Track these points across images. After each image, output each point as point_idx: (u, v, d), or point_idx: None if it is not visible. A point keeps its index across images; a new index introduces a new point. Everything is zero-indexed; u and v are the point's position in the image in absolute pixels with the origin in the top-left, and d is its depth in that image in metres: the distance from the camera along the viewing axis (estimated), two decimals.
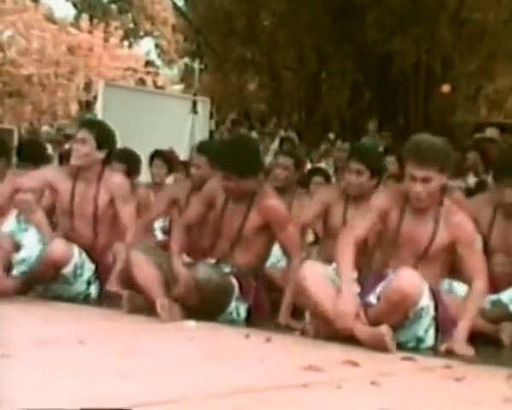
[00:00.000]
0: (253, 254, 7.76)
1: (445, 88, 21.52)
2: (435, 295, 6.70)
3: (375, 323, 6.42)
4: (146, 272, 7.59)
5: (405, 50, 19.38)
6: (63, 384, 4.64)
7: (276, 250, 8.73)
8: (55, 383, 4.66)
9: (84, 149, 8.62)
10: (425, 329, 6.61)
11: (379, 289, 6.61)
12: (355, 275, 6.71)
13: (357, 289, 6.62)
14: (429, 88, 20.68)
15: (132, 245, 8.15)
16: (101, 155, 8.75)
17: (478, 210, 7.94)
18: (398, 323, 6.47)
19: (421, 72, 20.21)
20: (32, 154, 11.32)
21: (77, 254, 8.54)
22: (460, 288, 7.23)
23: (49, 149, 18.43)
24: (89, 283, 8.74)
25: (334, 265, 7.03)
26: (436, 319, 6.68)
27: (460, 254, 6.70)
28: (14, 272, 8.61)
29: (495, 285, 7.42)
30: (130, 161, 11.71)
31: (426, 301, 6.50)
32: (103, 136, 9.08)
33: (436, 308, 6.68)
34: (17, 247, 8.63)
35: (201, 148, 9.74)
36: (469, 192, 10.19)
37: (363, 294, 6.73)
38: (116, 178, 8.72)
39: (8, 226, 9.27)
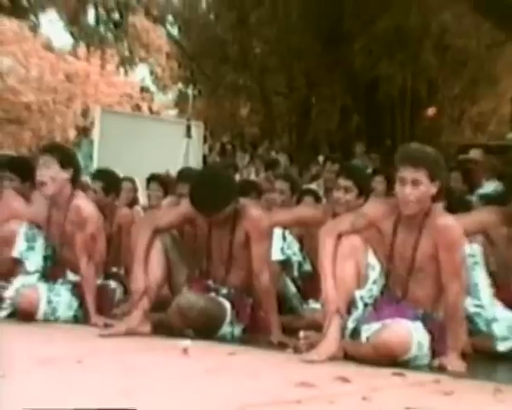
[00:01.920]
0: (246, 271, 7.67)
1: (431, 111, 21.58)
2: (427, 322, 6.63)
3: (361, 359, 6.40)
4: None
5: (392, 75, 19.45)
6: (61, 403, 4.62)
7: None
8: (53, 402, 4.63)
9: (50, 172, 8.35)
10: (419, 348, 6.55)
11: (374, 326, 6.46)
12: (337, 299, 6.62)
13: (340, 325, 6.57)
14: (415, 111, 20.76)
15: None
16: (65, 175, 8.43)
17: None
18: None
19: (408, 95, 20.27)
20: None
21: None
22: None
23: None
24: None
25: None
26: (431, 339, 6.63)
27: (440, 259, 6.58)
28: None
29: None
30: (108, 180, 11.63)
31: (417, 348, 6.41)
32: (65, 156, 8.73)
33: (430, 331, 6.62)
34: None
35: (182, 176, 9.69)
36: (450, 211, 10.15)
37: (362, 319, 6.68)
38: (78, 201, 8.37)
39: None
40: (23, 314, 8.05)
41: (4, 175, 9.68)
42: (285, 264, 8.91)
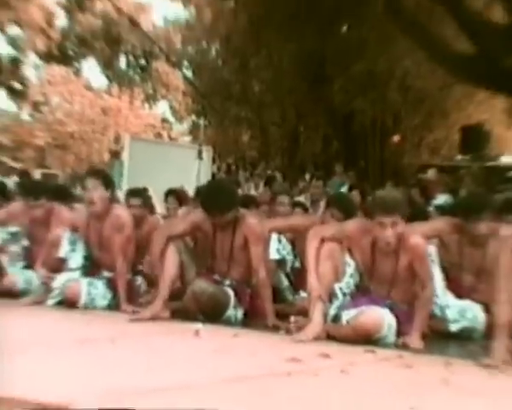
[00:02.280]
0: (245, 268, 7.71)
1: (396, 138, 21.61)
2: (395, 311, 6.70)
3: (342, 339, 6.44)
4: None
5: (364, 110, 19.41)
6: (97, 376, 4.63)
7: None
8: (91, 375, 4.65)
9: (97, 193, 8.36)
10: (389, 329, 6.58)
11: (352, 312, 6.57)
12: (320, 289, 6.72)
13: (323, 311, 6.64)
14: (383, 138, 20.77)
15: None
16: (107, 194, 8.50)
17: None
18: None
19: (377, 126, 20.25)
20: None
21: None
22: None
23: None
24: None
25: None
26: (396, 322, 6.67)
27: (415, 268, 6.68)
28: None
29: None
30: (144, 196, 11.72)
31: (386, 329, 6.50)
32: (107, 179, 8.83)
33: (396, 316, 6.67)
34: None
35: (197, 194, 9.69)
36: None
37: (344, 304, 6.81)
38: (117, 211, 8.50)
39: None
40: (68, 303, 8.07)
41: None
42: (280, 262, 8.94)
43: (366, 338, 6.36)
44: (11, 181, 16.85)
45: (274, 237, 9.04)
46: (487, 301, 6.87)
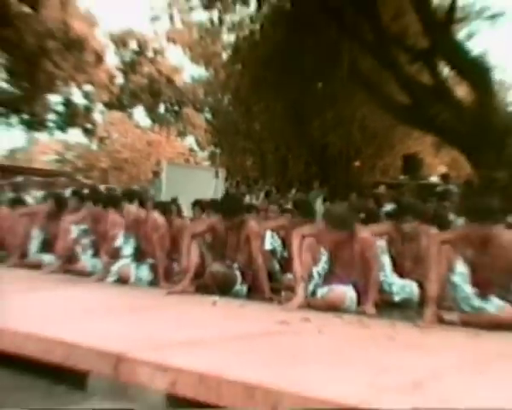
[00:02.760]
0: (247, 256, 7.69)
1: (357, 163, 21.59)
2: (356, 287, 6.76)
3: (318, 308, 6.42)
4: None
5: (334, 143, 19.42)
6: (142, 332, 4.62)
7: None
8: (138, 333, 4.64)
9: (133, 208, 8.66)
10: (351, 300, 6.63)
11: (325, 289, 6.68)
12: (302, 271, 6.77)
13: (304, 288, 6.67)
14: (348, 163, 20.75)
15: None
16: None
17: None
18: None
19: (343, 155, 20.22)
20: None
21: None
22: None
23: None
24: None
25: None
26: (357, 295, 6.69)
27: (366, 257, 6.71)
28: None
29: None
30: (178, 206, 11.80)
31: (349, 300, 6.62)
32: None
33: (356, 291, 6.73)
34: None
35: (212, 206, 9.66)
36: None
37: (319, 283, 6.82)
38: (154, 216, 8.55)
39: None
40: (122, 280, 8.19)
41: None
42: (272, 251, 8.93)
43: (334, 308, 6.40)
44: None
45: (268, 233, 9.04)
46: (421, 280, 6.88)
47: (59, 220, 9.93)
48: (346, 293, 6.64)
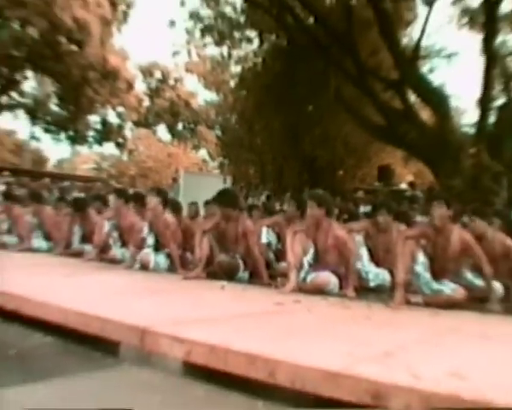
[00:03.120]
0: (245, 248, 7.67)
1: (340, 172, 21.58)
2: (338, 273, 6.78)
3: (307, 291, 6.41)
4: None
5: (322, 156, 19.34)
6: (162, 311, 4.62)
7: None
8: (158, 311, 4.64)
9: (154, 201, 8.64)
10: (334, 285, 6.64)
11: (313, 275, 6.71)
12: (294, 260, 6.77)
13: (296, 274, 6.69)
14: (333, 173, 20.65)
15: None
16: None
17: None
18: None
19: (329, 165, 20.12)
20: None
21: None
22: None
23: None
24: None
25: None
26: (339, 280, 6.71)
27: (342, 250, 6.76)
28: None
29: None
30: (196, 207, 11.83)
31: (332, 284, 6.67)
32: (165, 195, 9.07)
33: (338, 277, 6.74)
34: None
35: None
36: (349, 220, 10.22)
37: (307, 271, 6.81)
38: (166, 215, 8.46)
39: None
40: (143, 267, 8.13)
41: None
42: (268, 244, 8.96)
43: (320, 291, 6.42)
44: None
45: (264, 229, 9.09)
46: (391, 268, 6.90)
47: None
48: (330, 278, 6.68)
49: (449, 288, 6.02)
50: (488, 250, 6.37)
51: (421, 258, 6.17)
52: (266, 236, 9.08)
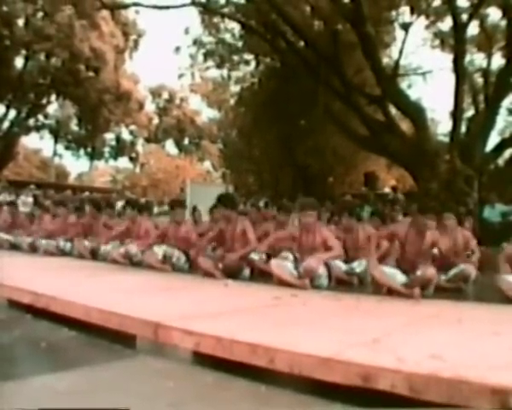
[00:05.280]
0: (244, 244, 7.47)
1: (330, 179, 21.52)
2: (327, 264, 6.69)
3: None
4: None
5: (314, 165, 19.28)
6: (173, 307, 4.61)
7: None
8: (170, 307, 4.63)
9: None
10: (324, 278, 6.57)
11: (305, 263, 6.50)
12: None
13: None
14: (323, 179, 20.56)
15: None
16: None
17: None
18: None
19: (321, 173, 20.04)
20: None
21: None
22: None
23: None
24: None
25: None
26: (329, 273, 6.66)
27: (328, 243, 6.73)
28: None
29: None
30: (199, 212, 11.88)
31: (321, 271, 6.54)
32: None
33: (328, 268, 6.68)
34: None
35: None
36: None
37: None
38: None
39: None
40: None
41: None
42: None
43: (310, 276, 6.41)
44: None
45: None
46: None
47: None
48: (319, 264, 6.52)
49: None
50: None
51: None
52: None
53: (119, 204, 16.77)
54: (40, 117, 34.33)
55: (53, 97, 32.68)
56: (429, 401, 2.62)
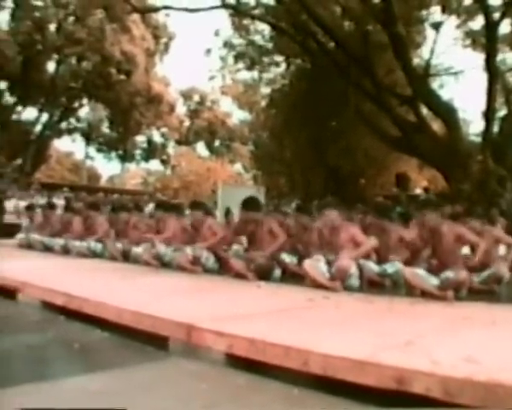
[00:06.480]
0: (269, 243, 7.44)
1: (362, 181, 21.32)
2: (359, 265, 6.63)
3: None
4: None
5: (345, 166, 19.19)
6: (206, 308, 4.62)
7: None
8: (203, 308, 4.64)
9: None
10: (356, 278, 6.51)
11: (337, 263, 6.37)
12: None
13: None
14: (355, 181, 20.50)
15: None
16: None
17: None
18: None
19: (353, 175, 19.94)
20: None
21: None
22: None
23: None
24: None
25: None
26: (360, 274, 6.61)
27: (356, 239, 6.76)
28: None
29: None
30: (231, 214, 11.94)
31: (352, 271, 6.42)
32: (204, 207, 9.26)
33: (360, 269, 6.63)
34: None
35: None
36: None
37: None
38: (209, 221, 8.68)
39: None
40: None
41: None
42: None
43: (343, 276, 6.34)
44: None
45: None
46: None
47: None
48: (351, 264, 6.41)
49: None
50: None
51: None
52: None
53: (150, 206, 16.93)
54: (72, 120, 35.10)
55: (84, 101, 33.38)
56: (463, 404, 2.59)
